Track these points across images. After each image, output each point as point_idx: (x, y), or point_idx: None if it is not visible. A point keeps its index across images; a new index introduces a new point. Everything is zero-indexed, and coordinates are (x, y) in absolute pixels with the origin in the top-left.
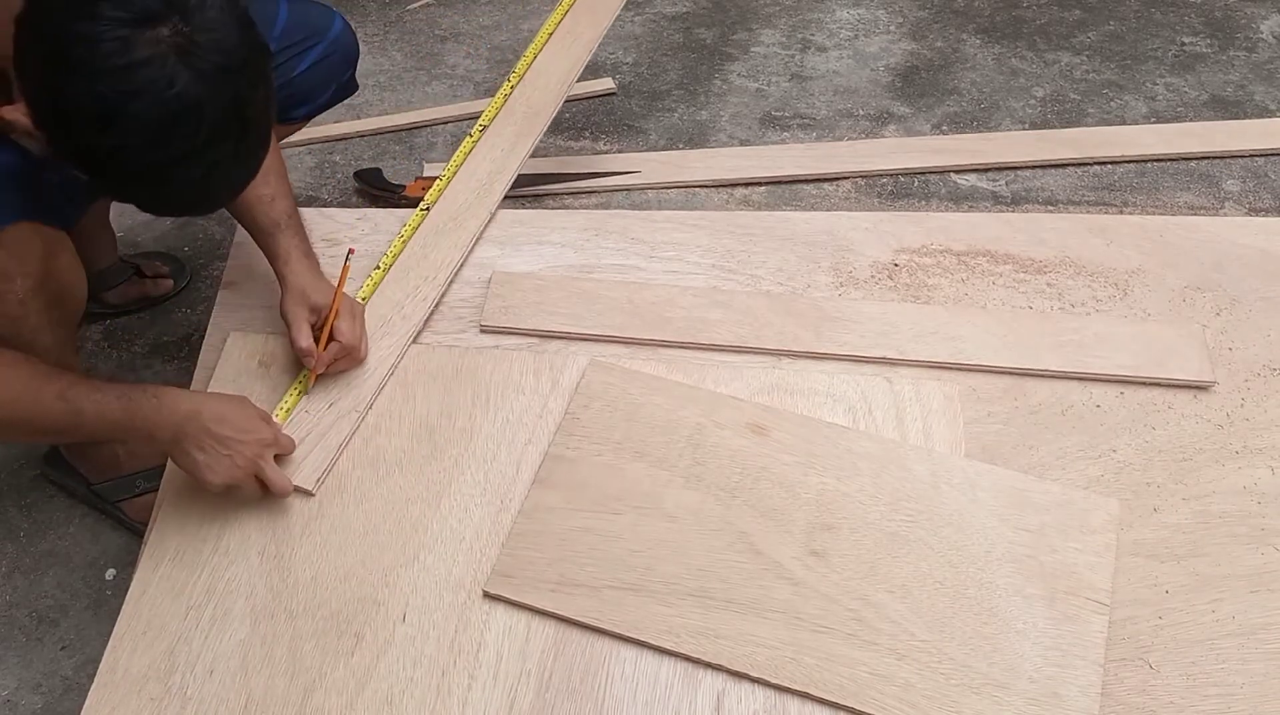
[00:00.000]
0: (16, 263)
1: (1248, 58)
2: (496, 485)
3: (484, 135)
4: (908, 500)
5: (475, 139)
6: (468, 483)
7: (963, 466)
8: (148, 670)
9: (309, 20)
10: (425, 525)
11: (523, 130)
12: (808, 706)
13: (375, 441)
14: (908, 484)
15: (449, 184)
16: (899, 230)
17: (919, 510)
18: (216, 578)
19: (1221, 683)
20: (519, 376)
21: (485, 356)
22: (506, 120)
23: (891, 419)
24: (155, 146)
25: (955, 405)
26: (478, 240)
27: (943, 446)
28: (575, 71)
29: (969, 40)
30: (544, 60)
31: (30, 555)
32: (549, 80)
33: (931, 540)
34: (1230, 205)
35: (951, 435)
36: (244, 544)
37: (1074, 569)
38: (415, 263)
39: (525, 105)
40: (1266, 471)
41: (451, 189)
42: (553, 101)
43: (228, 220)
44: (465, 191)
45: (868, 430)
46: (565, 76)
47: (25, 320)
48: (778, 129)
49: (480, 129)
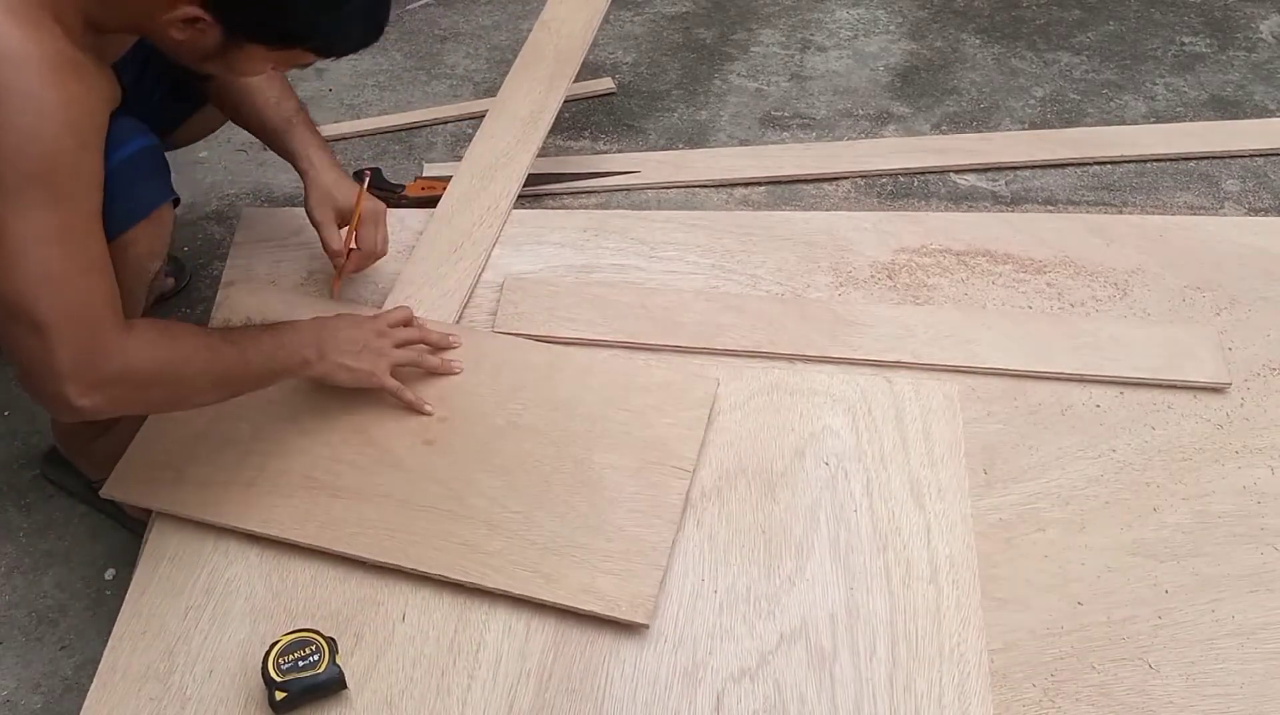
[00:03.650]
0: (159, 244)
1: (1247, 58)
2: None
3: (515, 81)
4: (522, 389)
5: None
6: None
7: (578, 355)
8: (147, 670)
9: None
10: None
11: (556, 73)
12: (806, 706)
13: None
14: (524, 374)
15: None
16: (899, 230)
17: (532, 398)
18: (216, 578)
19: (1221, 683)
20: None
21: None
22: (538, 64)
23: (891, 418)
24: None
25: (954, 405)
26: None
27: (942, 447)
28: (597, 19)
29: (969, 40)
30: (566, 10)
31: (30, 555)
32: (574, 28)
33: (540, 424)
34: (1230, 205)
35: (951, 435)
36: (243, 544)
37: (664, 441)
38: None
39: (555, 51)
40: (1266, 471)
41: (491, 127)
42: (580, 47)
43: (228, 220)
44: (509, 130)
45: (867, 430)
46: (589, 22)
47: (139, 303)
48: (777, 129)
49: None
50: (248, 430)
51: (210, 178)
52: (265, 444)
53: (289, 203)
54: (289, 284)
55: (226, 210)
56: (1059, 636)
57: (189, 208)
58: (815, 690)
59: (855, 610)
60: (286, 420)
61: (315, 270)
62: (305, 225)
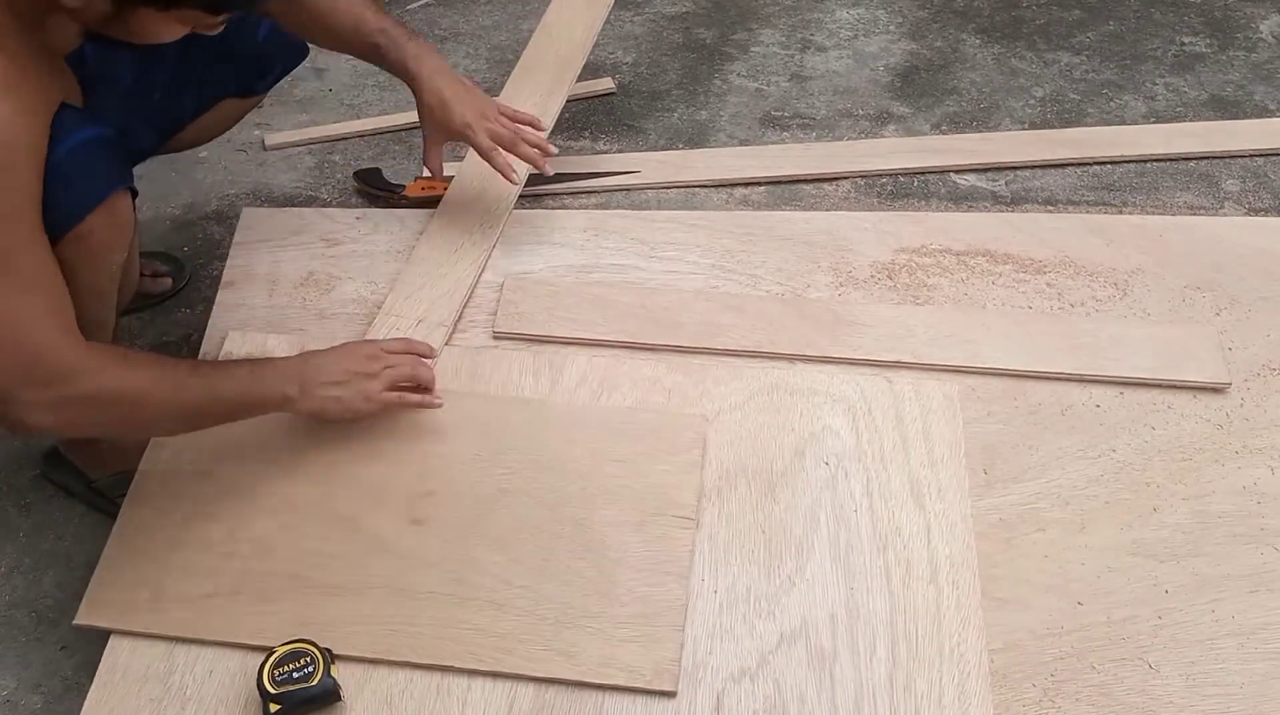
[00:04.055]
0: (117, 234)
1: (1247, 58)
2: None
3: (515, 86)
4: (507, 452)
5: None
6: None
7: (560, 410)
8: (148, 670)
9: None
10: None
11: (556, 78)
12: (807, 705)
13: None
14: (508, 435)
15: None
16: (899, 230)
17: (519, 460)
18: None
19: (1221, 683)
20: (519, 376)
21: (486, 355)
22: (539, 69)
23: (891, 418)
24: None
25: (955, 405)
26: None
27: (942, 447)
28: (598, 24)
29: (969, 40)
30: (568, 15)
31: (30, 555)
32: (575, 33)
33: (531, 488)
34: (1230, 205)
35: (951, 435)
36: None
37: (661, 490)
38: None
39: (555, 56)
40: (1266, 471)
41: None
42: (581, 53)
43: (228, 220)
44: None
45: (867, 430)
46: (591, 27)
47: (108, 297)
48: (777, 129)
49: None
50: (223, 531)
51: (210, 178)
52: (244, 545)
53: (289, 203)
54: (289, 284)
55: (226, 210)
56: (1059, 636)
57: (189, 208)
58: (815, 690)
59: (855, 610)
60: (265, 514)
61: (315, 270)
62: (305, 225)
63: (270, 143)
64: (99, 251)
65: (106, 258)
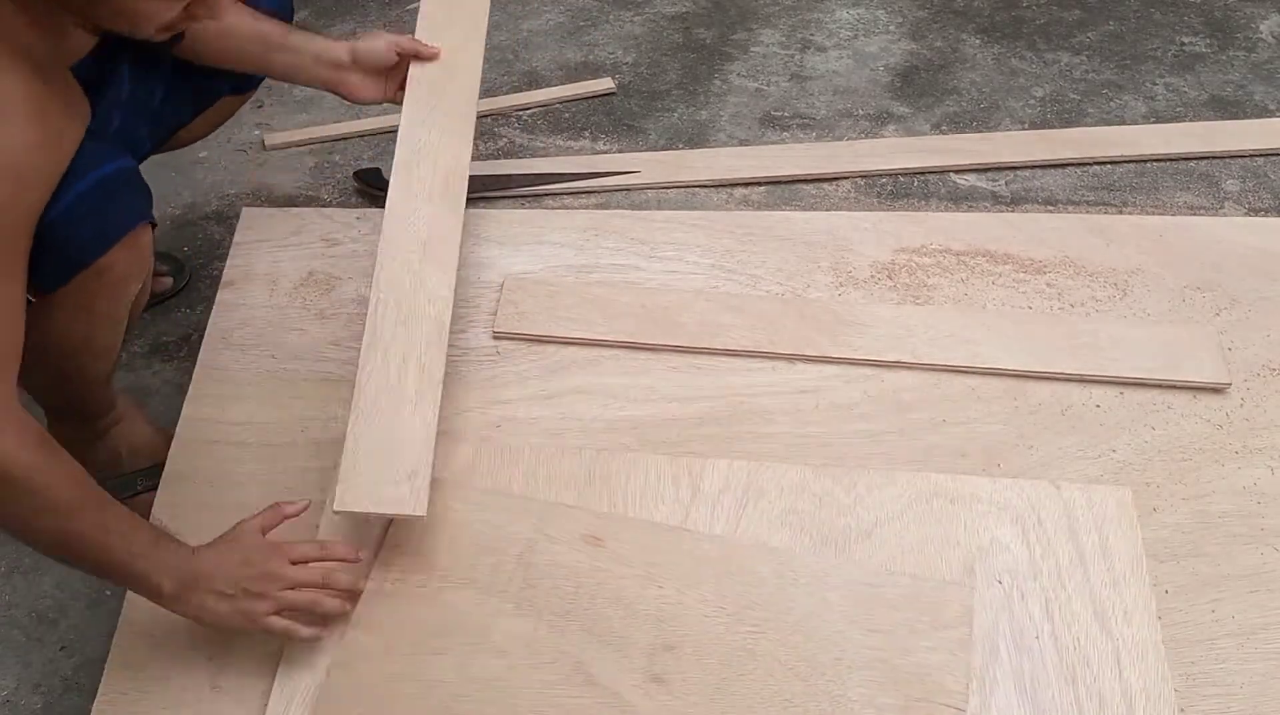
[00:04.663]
0: (137, 266)
1: (1247, 58)
2: None
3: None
4: (753, 607)
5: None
6: None
7: (809, 563)
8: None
9: None
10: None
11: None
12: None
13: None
14: (753, 588)
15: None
16: (899, 230)
17: (765, 618)
18: None
19: (1221, 683)
20: (657, 484)
21: (619, 460)
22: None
23: (1064, 530)
24: None
25: (1130, 512)
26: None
27: (1122, 562)
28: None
29: (969, 40)
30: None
31: (30, 555)
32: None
33: (779, 652)
34: (1230, 205)
35: (1131, 549)
36: None
37: (926, 672)
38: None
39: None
40: (1266, 471)
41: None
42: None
43: (228, 220)
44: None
45: (1039, 543)
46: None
47: (122, 323)
48: (777, 129)
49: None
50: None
51: (210, 178)
52: (474, 687)
53: (289, 203)
54: (289, 284)
55: (226, 210)
56: None
57: (189, 208)
58: None
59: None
60: (492, 654)
61: (315, 270)
62: (305, 225)
63: (270, 143)
64: (119, 283)
65: (125, 288)
